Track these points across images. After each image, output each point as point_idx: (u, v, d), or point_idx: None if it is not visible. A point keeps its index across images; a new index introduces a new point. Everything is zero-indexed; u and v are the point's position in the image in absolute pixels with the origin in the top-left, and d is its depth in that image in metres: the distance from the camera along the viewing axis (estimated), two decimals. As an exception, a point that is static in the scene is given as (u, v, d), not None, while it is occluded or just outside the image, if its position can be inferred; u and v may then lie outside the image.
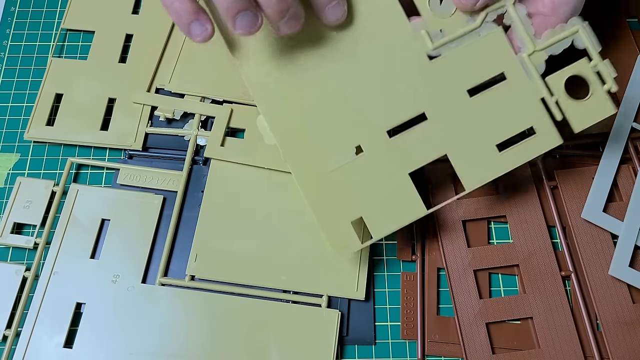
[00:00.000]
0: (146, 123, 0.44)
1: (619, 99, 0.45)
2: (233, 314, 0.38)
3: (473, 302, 0.39)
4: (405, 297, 0.39)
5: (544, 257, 0.40)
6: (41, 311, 0.38)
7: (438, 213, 0.41)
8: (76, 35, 0.49)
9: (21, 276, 0.39)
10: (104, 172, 0.44)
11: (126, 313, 0.38)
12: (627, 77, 0.45)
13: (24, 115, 0.46)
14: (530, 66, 0.35)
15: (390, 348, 0.39)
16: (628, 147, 0.43)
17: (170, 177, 0.43)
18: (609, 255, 0.40)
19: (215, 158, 0.42)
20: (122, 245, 0.40)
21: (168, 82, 0.45)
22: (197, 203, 0.42)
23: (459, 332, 0.38)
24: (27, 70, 0.47)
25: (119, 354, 0.37)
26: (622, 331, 0.38)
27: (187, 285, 0.39)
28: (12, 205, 0.41)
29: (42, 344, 0.38)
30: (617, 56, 0.46)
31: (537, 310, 0.38)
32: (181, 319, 0.38)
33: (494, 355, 0.37)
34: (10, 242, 0.40)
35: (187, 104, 0.44)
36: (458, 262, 0.40)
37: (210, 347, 0.38)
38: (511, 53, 0.35)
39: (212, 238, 0.40)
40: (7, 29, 0.49)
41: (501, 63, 0.35)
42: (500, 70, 0.35)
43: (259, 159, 0.42)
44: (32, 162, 0.44)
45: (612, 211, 0.41)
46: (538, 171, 0.42)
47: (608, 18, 0.48)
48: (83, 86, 0.45)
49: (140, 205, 0.42)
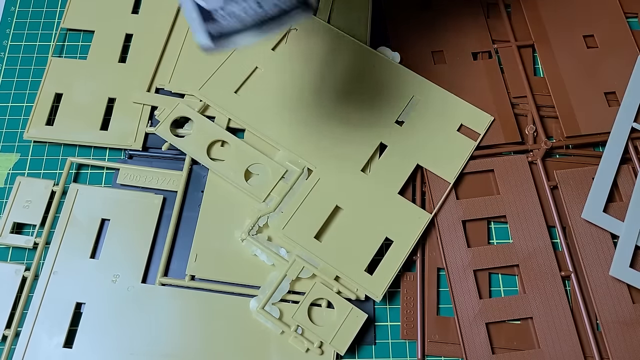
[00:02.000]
0: (146, 123, 0.44)
1: (619, 99, 0.45)
2: (233, 314, 0.38)
3: (473, 302, 0.39)
4: (405, 297, 0.39)
5: (544, 257, 0.40)
6: (41, 311, 0.38)
7: (438, 213, 0.41)
8: (76, 35, 0.49)
9: (21, 276, 0.39)
10: (104, 172, 0.44)
11: (126, 313, 0.38)
12: (627, 77, 0.45)
13: (24, 115, 0.46)
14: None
15: (390, 348, 0.39)
16: (628, 147, 0.43)
17: (170, 177, 0.42)
18: (609, 255, 0.40)
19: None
20: (122, 245, 0.40)
21: (168, 82, 0.45)
22: (197, 203, 0.42)
23: (459, 332, 0.38)
24: (27, 70, 0.47)
25: (118, 354, 0.37)
26: (622, 331, 0.38)
27: (187, 285, 0.39)
28: (12, 205, 0.41)
29: (41, 343, 0.37)
30: (617, 56, 0.46)
31: (537, 310, 0.38)
32: (181, 319, 0.38)
33: (493, 355, 0.37)
34: (10, 241, 0.40)
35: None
36: (458, 262, 0.40)
37: (211, 346, 0.37)
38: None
39: (212, 238, 0.40)
40: (7, 29, 0.49)
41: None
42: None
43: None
44: (32, 162, 0.44)
45: (612, 211, 0.41)
46: (538, 171, 0.42)
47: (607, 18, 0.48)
48: (83, 86, 0.45)
49: (140, 205, 0.41)
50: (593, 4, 0.48)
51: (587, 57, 0.46)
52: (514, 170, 0.42)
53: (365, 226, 0.40)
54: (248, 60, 0.45)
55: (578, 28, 0.47)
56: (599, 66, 0.46)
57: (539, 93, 0.45)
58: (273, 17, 0.29)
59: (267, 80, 0.44)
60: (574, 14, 0.48)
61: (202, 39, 0.30)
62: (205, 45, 0.30)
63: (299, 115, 0.43)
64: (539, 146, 0.43)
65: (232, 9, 0.29)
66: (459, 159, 0.42)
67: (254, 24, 0.29)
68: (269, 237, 0.40)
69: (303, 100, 0.43)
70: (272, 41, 0.46)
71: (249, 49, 0.45)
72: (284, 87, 0.44)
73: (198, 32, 0.30)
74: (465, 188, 0.42)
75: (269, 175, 0.41)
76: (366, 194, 0.40)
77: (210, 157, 0.42)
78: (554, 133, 0.44)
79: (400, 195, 0.41)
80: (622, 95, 0.44)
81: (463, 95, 0.44)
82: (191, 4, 0.30)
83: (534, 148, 0.43)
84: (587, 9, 0.48)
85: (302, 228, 0.39)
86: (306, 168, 0.42)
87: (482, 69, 0.46)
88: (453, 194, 0.41)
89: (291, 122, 0.43)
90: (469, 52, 0.46)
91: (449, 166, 0.42)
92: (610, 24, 0.48)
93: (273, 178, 0.41)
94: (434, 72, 0.45)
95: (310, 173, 0.41)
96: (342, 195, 0.40)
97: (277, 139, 0.42)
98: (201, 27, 0.30)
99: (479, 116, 0.43)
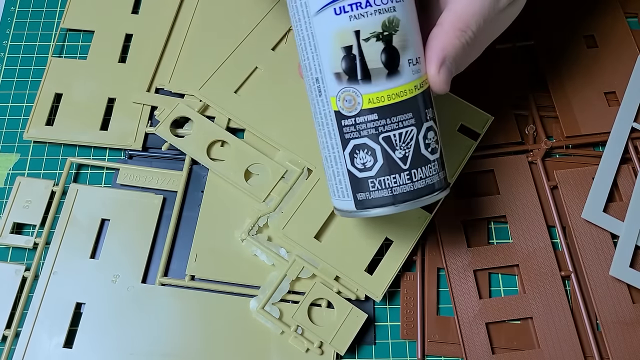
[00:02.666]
0: (146, 123, 0.44)
1: (619, 99, 0.45)
2: (233, 314, 0.38)
3: (473, 302, 0.39)
4: (405, 297, 0.39)
5: (544, 257, 0.40)
6: (41, 311, 0.38)
7: (438, 213, 0.41)
8: (76, 35, 0.49)
9: (21, 276, 0.39)
10: (103, 172, 0.44)
11: (126, 313, 0.38)
12: (627, 77, 0.45)
13: (24, 115, 0.46)
14: None
15: (390, 348, 0.39)
16: (628, 147, 0.43)
17: (170, 177, 0.42)
18: (609, 255, 0.40)
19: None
20: (122, 245, 0.40)
21: (168, 82, 0.45)
22: (197, 203, 0.42)
23: (459, 332, 0.38)
24: (27, 70, 0.47)
25: (119, 354, 0.37)
26: (622, 331, 0.38)
27: (187, 285, 0.39)
28: (11, 205, 0.41)
29: (41, 344, 0.37)
30: (617, 56, 0.46)
31: (537, 310, 0.38)
32: (181, 319, 0.38)
33: (493, 355, 0.37)
34: (10, 242, 0.40)
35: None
36: (458, 262, 0.40)
37: (211, 346, 0.38)
38: None
39: (212, 238, 0.40)
40: (7, 29, 0.49)
41: None
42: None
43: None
44: (31, 162, 0.44)
45: (612, 211, 0.41)
46: (538, 171, 0.42)
47: (607, 18, 0.48)
48: (83, 86, 0.45)
49: (140, 205, 0.41)
50: (593, 4, 0.48)
51: (587, 57, 0.46)
52: (514, 170, 0.42)
53: (365, 226, 0.40)
54: (248, 60, 0.45)
55: (578, 28, 0.47)
56: (599, 66, 0.46)
57: (539, 93, 0.45)
58: (418, 192, 0.30)
59: (267, 80, 0.44)
60: (574, 14, 0.48)
61: (347, 204, 0.31)
62: (347, 209, 0.31)
63: (299, 115, 0.43)
64: (539, 146, 0.43)
65: (385, 180, 0.29)
66: (459, 159, 0.42)
67: (401, 196, 0.29)
68: (269, 237, 0.40)
69: (303, 100, 0.43)
70: (272, 41, 0.46)
71: (249, 49, 0.45)
72: (284, 87, 0.44)
73: (344, 196, 0.31)
74: (465, 188, 0.42)
75: (269, 175, 0.41)
76: None
77: (210, 157, 0.42)
78: (554, 133, 0.44)
79: None
80: (622, 95, 0.44)
81: (463, 95, 0.44)
82: (344, 170, 0.30)
83: (534, 148, 0.43)
84: (587, 9, 0.48)
85: (302, 228, 0.39)
86: (306, 168, 0.42)
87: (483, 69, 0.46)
88: (453, 194, 0.41)
89: (291, 122, 0.43)
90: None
91: (449, 166, 0.42)
92: (610, 24, 0.48)
93: (273, 178, 0.41)
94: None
95: (310, 173, 0.41)
96: None
97: (277, 139, 0.42)
98: (350, 193, 0.30)
99: (479, 116, 0.43)
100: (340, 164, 0.30)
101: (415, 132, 0.29)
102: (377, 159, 0.29)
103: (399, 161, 0.29)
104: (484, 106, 0.44)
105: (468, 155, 0.42)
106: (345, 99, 0.29)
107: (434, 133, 0.31)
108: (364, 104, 0.29)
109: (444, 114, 0.43)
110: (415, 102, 0.29)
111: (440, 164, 0.31)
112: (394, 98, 0.29)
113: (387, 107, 0.29)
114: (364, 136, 0.29)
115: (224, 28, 0.47)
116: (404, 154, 0.29)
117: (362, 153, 0.29)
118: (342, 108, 0.29)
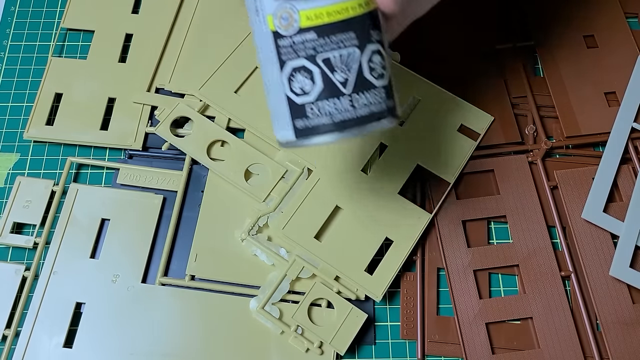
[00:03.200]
0: (146, 123, 0.44)
1: (619, 99, 0.45)
2: (233, 314, 0.38)
3: (473, 302, 0.39)
4: (405, 297, 0.39)
5: (544, 257, 0.40)
6: (41, 311, 0.38)
7: (438, 213, 0.41)
8: (76, 34, 0.49)
9: (21, 276, 0.39)
10: (104, 171, 0.44)
11: (126, 313, 0.38)
12: (627, 77, 0.45)
13: (24, 115, 0.46)
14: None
15: (390, 348, 0.39)
16: (628, 147, 0.43)
17: (170, 177, 0.42)
18: (609, 255, 0.40)
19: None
20: (122, 245, 0.40)
21: (168, 82, 0.45)
22: (197, 203, 0.42)
23: (459, 332, 0.38)
24: (27, 70, 0.47)
25: (118, 354, 0.37)
26: (622, 331, 0.38)
27: (187, 285, 0.39)
28: (11, 205, 0.41)
29: (41, 343, 0.37)
30: (617, 56, 0.46)
31: (537, 310, 0.38)
32: (181, 319, 0.38)
33: (493, 355, 0.37)
34: (10, 241, 0.40)
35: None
36: (458, 262, 0.40)
37: (211, 346, 0.37)
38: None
39: (212, 238, 0.40)
40: (7, 29, 0.49)
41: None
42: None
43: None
44: (32, 161, 0.44)
45: (612, 211, 0.41)
46: (538, 171, 0.42)
47: (607, 18, 0.48)
48: (83, 86, 0.45)
49: (140, 205, 0.41)
50: (593, 4, 0.48)
51: (587, 57, 0.46)
52: (514, 170, 0.42)
53: (365, 226, 0.40)
54: (248, 60, 0.45)
55: (578, 28, 0.47)
56: (599, 66, 0.46)
57: (539, 93, 0.45)
58: (361, 119, 0.28)
59: None
60: (573, 14, 0.48)
61: (287, 133, 0.29)
62: (287, 139, 0.29)
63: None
64: (539, 146, 0.43)
65: (324, 105, 0.27)
66: (459, 159, 0.42)
67: (342, 124, 0.28)
68: (269, 237, 0.40)
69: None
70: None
71: (249, 49, 0.45)
72: None
73: (284, 125, 0.29)
74: (465, 188, 0.42)
75: (269, 175, 0.41)
76: (366, 194, 0.40)
77: (210, 157, 0.42)
78: (554, 133, 0.44)
79: (400, 195, 0.41)
80: (622, 95, 0.44)
81: (463, 95, 0.44)
82: (282, 96, 0.28)
83: (534, 148, 0.43)
84: (587, 9, 0.48)
85: (302, 228, 0.39)
86: (306, 168, 0.41)
87: (483, 69, 0.46)
88: (453, 194, 0.41)
89: None
90: (469, 53, 0.46)
91: (449, 166, 0.42)
92: (610, 24, 0.48)
93: (273, 178, 0.41)
94: (434, 72, 0.45)
95: (310, 173, 0.41)
96: (342, 195, 0.40)
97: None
98: (289, 121, 0.28)
99: (479, 116, 0.43)
100: (279, 89, 0.28)
101: (359, 53, 0.27)
102: (316, 82, 0.27)
103: (339, 85, 0.27)
104: (484, 106, 0.44)
105: (468, 155, 0.42)
106: (282, 16, 0.27)
107: (380, 57, 0.28)
108: (301, 22, 0.27)
109: (444, 114, 0.43)
110: (359, 22, 0.27)
111: (387, 92, 0.28)
112: (334, 16, 0.27)
113: (326, 26, 0.27)
114: (301, 57, 0.27)
115: (224, 28, 0.47)
116: (345, 78, 0.27)
117: (300, 76, 0.27)
118: (279, 27, 0.27)
